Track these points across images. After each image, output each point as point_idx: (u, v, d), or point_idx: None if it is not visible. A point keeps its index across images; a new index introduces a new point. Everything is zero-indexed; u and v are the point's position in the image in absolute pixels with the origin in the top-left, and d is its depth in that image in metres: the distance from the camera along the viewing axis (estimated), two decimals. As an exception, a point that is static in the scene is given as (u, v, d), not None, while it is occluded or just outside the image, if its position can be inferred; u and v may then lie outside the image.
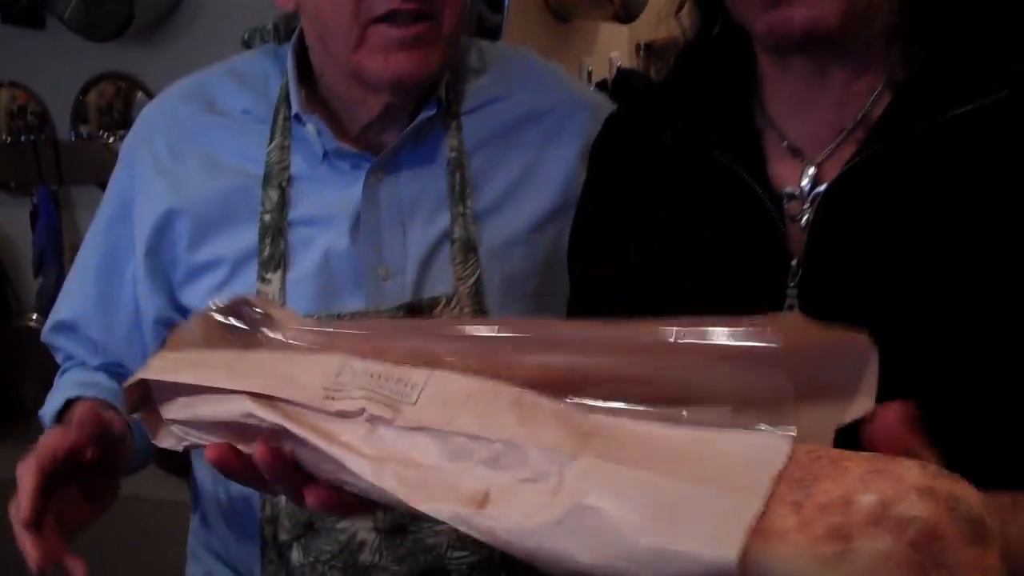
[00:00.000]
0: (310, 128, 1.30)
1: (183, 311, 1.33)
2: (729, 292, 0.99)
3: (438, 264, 1.29)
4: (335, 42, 1.25)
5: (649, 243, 1.06)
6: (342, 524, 1.26)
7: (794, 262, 0.95)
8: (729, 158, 1.00)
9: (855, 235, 0.93)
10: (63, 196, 2.65)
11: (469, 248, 1.29)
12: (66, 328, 1.42)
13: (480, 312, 1.27)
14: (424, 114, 1.29)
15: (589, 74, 3.16)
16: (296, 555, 1.28)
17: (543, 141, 1.35)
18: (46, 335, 1.46)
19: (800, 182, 0.97)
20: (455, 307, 1.27)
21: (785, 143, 1.00)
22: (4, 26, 2.59)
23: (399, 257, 1.29)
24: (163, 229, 1.32)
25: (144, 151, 1.35)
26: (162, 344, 0.97)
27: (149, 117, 1.39)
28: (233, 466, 0.84)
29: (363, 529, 1.26)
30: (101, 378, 1.40)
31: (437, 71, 1.26)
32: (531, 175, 1.34)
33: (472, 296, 1.28)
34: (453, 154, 1.32)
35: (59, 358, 1.46)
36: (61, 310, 1.42)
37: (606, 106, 1.38)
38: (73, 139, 2.61)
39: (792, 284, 0.96)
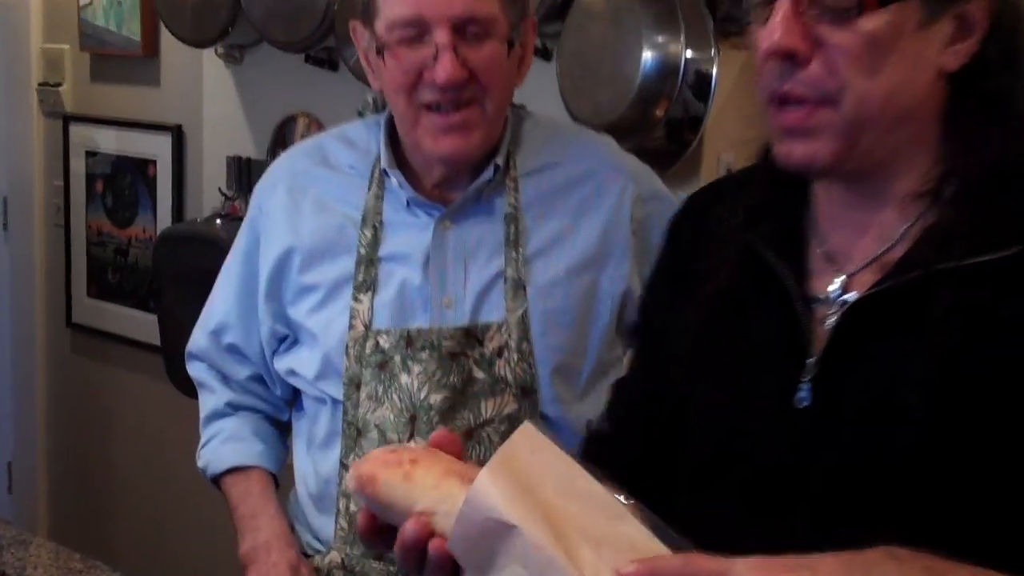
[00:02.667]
0: (394, 180, 1.60)
1: (290, 325, 1.66)
2: (750, 376, 1.15)
3: (492, 297, 1.58)
4: (399, 121, 1.57)
5: (698, 317, 1.20)
6: None
7: (811, 360, 1.09)
8: (776, 257, 1.14)
9: (870, 351, 1.06)
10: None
11: (519, 286, 1.58)
12: (214, 335, 1.75)
13: (524, 338, 1.56)
14: (482, 178, 1.58)
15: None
16: None
17: (585, 201, 1.63)
18: (198, 346, 1.78)
19: (828, 288, 1.12)
20: (504, 332, 1.56)
21: (824, 251, 1.14)
22: (306, 65, 3.00)
23: (459, 290, 1.59)
24: (283, 260, 1.65)
25: (271, 197, 1.70)
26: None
27: (276, 170, 1.74)
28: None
29: None
30: (246, 429, 1.76)
31: (480, 148, 1.55)
32: (573, 229, 1.62)
33: (519, 324, 1.57)
34: (510, 209, 1.60)
35: (198, 372, 1.80)
36: (210, 322, 1.77)
37: (641, 169, 1.69)
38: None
39: (806, 379, 1.10)
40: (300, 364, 1.65)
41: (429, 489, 0.94)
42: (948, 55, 1.06)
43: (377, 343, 1.57)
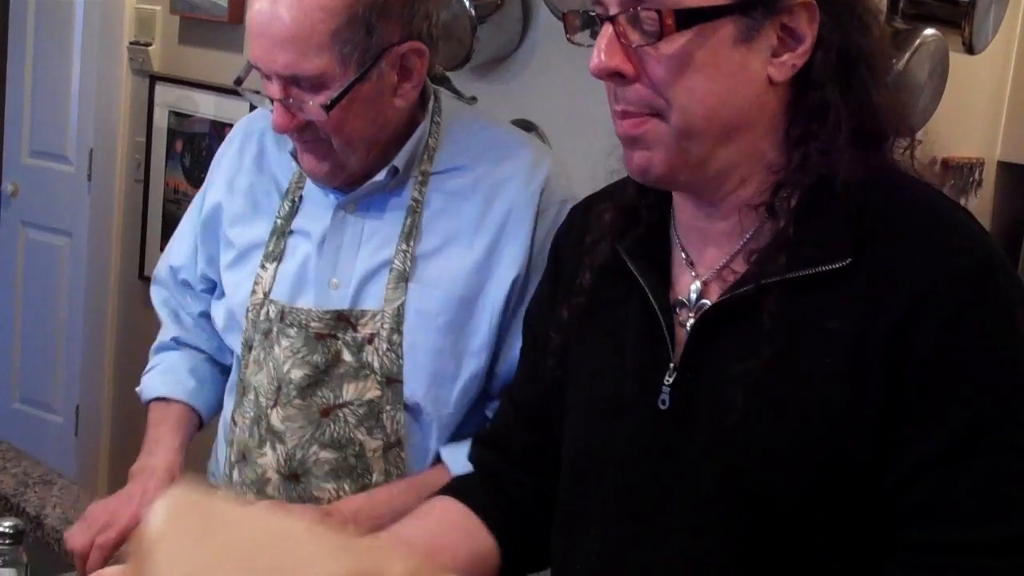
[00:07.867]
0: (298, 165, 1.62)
1: (217, 274, 1.74)
2: (619, 378, 1.20)
3: (375, 285, 1.58)
4: None
5: (569, 312, 1.27)
6: (261, 460, 1.62)
7: (672, 364, 1.15)
8: (639, 265, 1.19)
9: (716, 355, 1.12)
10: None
11: (402, 278, 1.57)
12: (173, 271, 1.83)
13: (396, 330, 1.56)
14: (375, 179, 1.58)
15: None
16: (236, 475, 1.67)
17: (487, 211, 1.59)
18: (160, 275, 1.87)
19: (689, 294, 1.17)
20: (378, 321, 1.56)
21: (684, 257, 1.19)
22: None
23: (347, 273, 1.60)
24: (215, 211, 1.73)
25: (226, 148, 1.77)
26: None
27: (239, 124, 1.80)
28: None
29: (270, 469, 1.62)
30: (183, 365, 1.84)
31: (336, 173, 1.56)
32: (467, 235, 1.59)
33: (394, 316, 1.56)
34: (412, 203, 1.60)
35: (158, 302, 1.88)
36: (172, 257, 1.85)
37: (558, 184, 1.61)
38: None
39: (667, 383, 1.14)
40: (216, 313, 1.75)
41: None
42: (775, 67, 1.08)
43: (268, 312, 1.63)
